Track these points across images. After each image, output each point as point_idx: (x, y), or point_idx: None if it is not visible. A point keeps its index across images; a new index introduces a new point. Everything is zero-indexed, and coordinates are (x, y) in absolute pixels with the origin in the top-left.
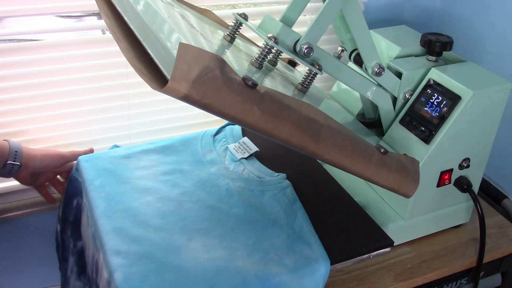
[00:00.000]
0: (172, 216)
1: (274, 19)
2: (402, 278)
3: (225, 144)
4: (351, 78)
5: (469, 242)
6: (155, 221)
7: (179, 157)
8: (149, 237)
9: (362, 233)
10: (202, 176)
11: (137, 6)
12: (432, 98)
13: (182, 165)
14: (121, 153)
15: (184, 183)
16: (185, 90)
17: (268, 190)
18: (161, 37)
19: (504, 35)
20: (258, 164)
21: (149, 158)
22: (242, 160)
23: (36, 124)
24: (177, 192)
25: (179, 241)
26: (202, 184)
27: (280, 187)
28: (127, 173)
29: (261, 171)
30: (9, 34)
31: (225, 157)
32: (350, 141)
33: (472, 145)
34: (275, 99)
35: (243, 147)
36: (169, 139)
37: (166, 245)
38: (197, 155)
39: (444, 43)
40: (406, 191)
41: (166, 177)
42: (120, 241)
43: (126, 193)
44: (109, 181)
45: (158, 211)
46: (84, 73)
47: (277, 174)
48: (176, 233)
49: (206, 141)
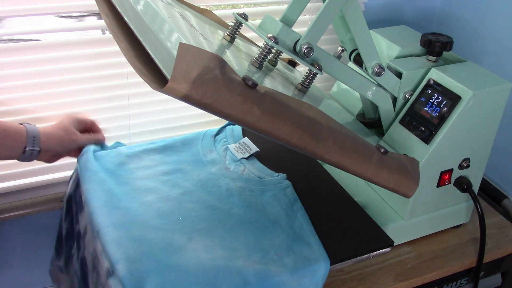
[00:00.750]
0: (172, 216)
1: (274, 19)
2: (402, 278)
3: (225, 144)
4: (351, 78)
5: (469, 242)
6: (155, 221)
7: (180, 157)
8: (149, 237)
9: (362, 233)
10: (202, 176)
11: (137, 6)
12: (432, 98)
13: (182, 165)
14: (123, 152)
15: (185, 183)
16: (185, 90)
17: (269, 190)
18: (161, 37)
19: (504, 35)
20: (259, 164)
21: (150, 158)
22: (242, 160)
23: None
24: (177, 192)
25: (179, 241)
26: (203, 184)
27: (281, 187)
28: (128, 173)
29: (262, 171)
30: (9, 34)
31: (225, 157)
32: (350, 141)
33: (472, 145)
34: (275, 99)
35: (243, 147)
36: (170, 139)
37: (166, 245)
38: (197, 155)
39: (444, 43)
40: (406, 191)
41: (166, 177)
42: (120, 237)
43: (126, 193)
44: (110, 181)
45: (159, 211)
46: (84, 73)
47: (277, 174)
48: (176, 233)
49: (207, 142)
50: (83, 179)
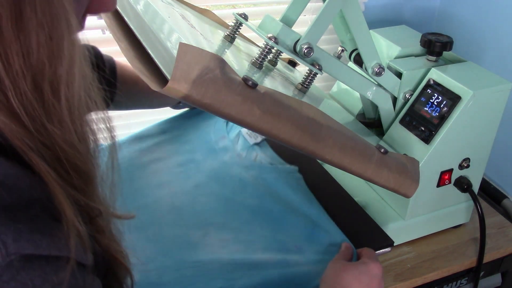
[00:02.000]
0: (186, 211)
1: (274, 19)
2: (402, 278)
3: (237, 129)
4: (351, 78)
5: (469, 242)
6: (169, 218)
7: (192, 145)
8: (164, 234)
9: (362, 233)
10: (215, 165)
11: (137, 6)
12: (432, 98)
13: (195, 155)
14: (135, 148)
15: (197, 174)
16: (185, 90)
17: (281, 177)
18: (161, 37)
19: (504, 35)
20: (270, 151)
21: (163, 149)
22: (254, 147)
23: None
24: (190, 185)
25: (194, 236)
26: (215, 174)
27: (294, 176)
28: (140, 167)
29: (273, 159)
30: None
31: (237, 143)
32: (350, 141)
33: (472, 145)
34: (275, 99)
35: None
36: (182, 125)
37: (182, 242)
38: (209, 143)
39: (444, 43)
40: (406, 191)
41: (179, 169)
42: (136, 240)
43: (140, 189)
44: (123, 178)
45: (172, 206)
46: None
47: (289, 165)
48: (191, 228)
49: (219, 127)
50: None
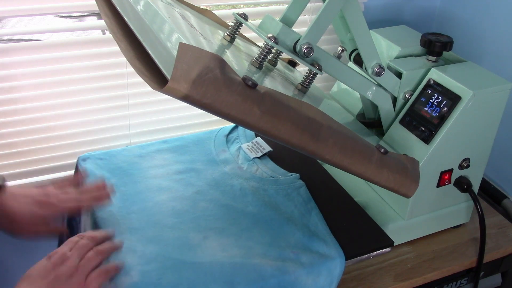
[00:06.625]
0: (186, 215)
1: (274, 19)
2: (402, 278)
3: (238, 144)
4: (351, 78)
5: (469, 242)
6: (170, 220)
7: (192, 156)
8: (165, 236)
9: (362, 233)
10: (215, 175)
11: (137, 6)
12: (432, 98)
13: (195, 164)
14: (135, 152)
15: (198, 182)
16: (185, 90)
17: (282, 189)
18: (161, 37)
19: (504, 35)
20: (272, 164)
21: (163, 157)
22: (255, 160)
23: (36, 124)
24: (191, 191)
25: (194, 239)
26: (216, 183)
27: (294, 186)
28: (141, 172)
29: (275, 171)
30: (9, 34)
31: (238, 157)
32: (350, 141)
33: (472, 145)
34: (275, 99)
35: (256, 146)
36: (182, 138)
37: (181, 244)
38: (210, 155)
39: (444, 43)
40: (406, 191)
41: (180, 176)
42: (136, 241)
43: (141, 192)
44: (124, 181)
45: (173, 210)
46: (84, 73)
47: (290, 174)
48: (191, 231)
49: (219, 141)
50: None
